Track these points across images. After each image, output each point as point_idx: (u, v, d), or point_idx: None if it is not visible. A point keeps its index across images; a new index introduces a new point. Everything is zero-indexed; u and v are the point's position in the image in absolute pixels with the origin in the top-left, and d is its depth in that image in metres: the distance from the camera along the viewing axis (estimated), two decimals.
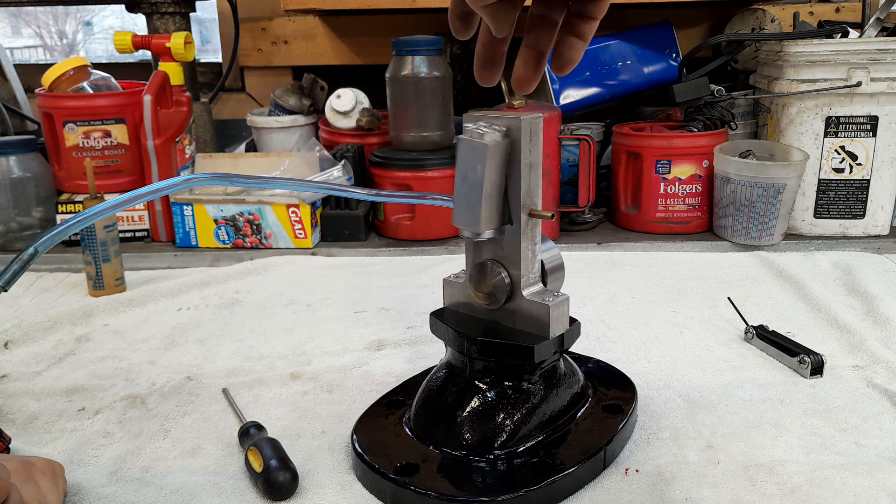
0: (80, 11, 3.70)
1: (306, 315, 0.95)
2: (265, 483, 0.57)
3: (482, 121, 0.57)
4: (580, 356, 0.76)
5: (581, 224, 1.26)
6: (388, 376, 0.77)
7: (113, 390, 0.76)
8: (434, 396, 0.64)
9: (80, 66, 1.25)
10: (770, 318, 0.88)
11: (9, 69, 1.61)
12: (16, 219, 1.18)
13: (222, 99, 1.77)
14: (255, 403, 0.73)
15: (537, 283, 0.62)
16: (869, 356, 0.79)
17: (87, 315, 0.94)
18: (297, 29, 1.66)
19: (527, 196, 0.59)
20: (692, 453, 0.63)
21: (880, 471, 0.59)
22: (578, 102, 1.37)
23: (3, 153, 1.16)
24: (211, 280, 1.06)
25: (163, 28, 1.44)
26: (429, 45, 1.17)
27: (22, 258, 0.45)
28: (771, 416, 0.68)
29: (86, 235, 0.98)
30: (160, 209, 1.21)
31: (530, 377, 0.61)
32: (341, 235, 1.21)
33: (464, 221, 0.58)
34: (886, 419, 0.67)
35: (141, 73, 1.33)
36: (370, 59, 1.64)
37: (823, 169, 1.16)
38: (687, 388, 0.74)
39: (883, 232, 1.18)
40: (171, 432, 0.68)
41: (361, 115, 1.31)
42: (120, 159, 1.23)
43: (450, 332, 0.63)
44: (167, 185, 0.51)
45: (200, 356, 0.84)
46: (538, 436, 0.61)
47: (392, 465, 0.58)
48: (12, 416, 0.71)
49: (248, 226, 1.16)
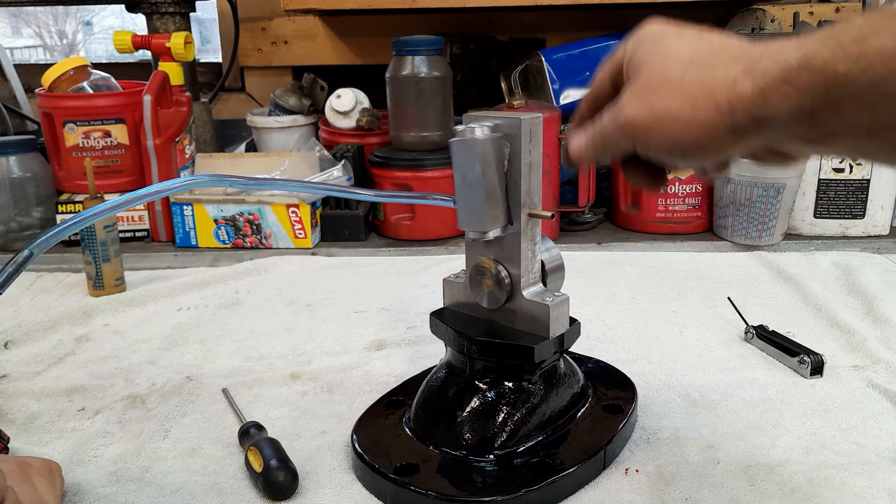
0: (80, 11, 3.70)
1: (306, 315, 0.95)
2: (265, 483, 0.57)
3: (479, 121, 0.57)
4: (580, 356, 0.76)
5: (581, 224, 1.26)
6: (388, 376, 0.77)
7: (113, 390, 0.76)
8: (434, 396, 0.64)
9: (80, 66, 1.25)
10: (770, 318, 0.88)
11: (9, 69, 1.61)
12: (16, 219, 1.18)
13: (222, 99, 1.77)
14: (255, 403, 0.73)
15: (537, 283, 0.62)
16: (869, 356, 0.79)
17: (87, 315, 0.94)
18: (297, 29, 1.66)
19: (527, 196, 0.59)
20: (692, 453, 0.63)
21: (880, 471, 0.59)
22: (578, 102, 1.37)
23: (3, 153, 1.16)
24: (211, 280, 1.06)
25: (163, 28, 1.44)
26: (429, 45, 1.17)
27: (16, 261, 0.45)
28: (771, 416, 0.68)
29: (86, 235, 0.98)
30: (160, 209, 1.21)
31: (530, 377, 0.61)
32: (341, 235, 1.21)
33: (469, 222, 0.58)
34: (886, 419, 0.67)
35: (141, 73, 1.33)
36: (370, 59, 1.64)
37: (823, 169, 1.16)
38: (687, 388, 0.74)
39: (883, 232, 1.18)
40: (171, 432, 0.68)
41: (361, 115, 1.31)
42: (120, 159, 1.23)
43: (450, 332, 0.63)
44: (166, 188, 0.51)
45: (200, 356, 0.84)
46: (538, 436, 0.61)
47: (392, 465, 0.58)
48: (12, 416, 0.71)
49: (248, 226, 1.16)
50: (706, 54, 0.40)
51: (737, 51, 0.39)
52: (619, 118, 0.43)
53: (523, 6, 1.31)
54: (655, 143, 0.42)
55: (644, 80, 0.42)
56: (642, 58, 0.43)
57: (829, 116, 0.35)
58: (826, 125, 0.35)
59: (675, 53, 0.41)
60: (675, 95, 0.40)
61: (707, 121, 0.39)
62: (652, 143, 0.42)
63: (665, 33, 0.43)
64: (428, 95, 1.18)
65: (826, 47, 0.34)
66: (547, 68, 1.35)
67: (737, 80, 0.38)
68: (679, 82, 0.40)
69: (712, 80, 0.39)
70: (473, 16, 1.57)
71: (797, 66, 0.35)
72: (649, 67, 0.42)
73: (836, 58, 0.33)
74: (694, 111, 0.39)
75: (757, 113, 0.37)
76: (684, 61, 0.40)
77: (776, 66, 0.36)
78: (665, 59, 0.42)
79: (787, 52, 0.36)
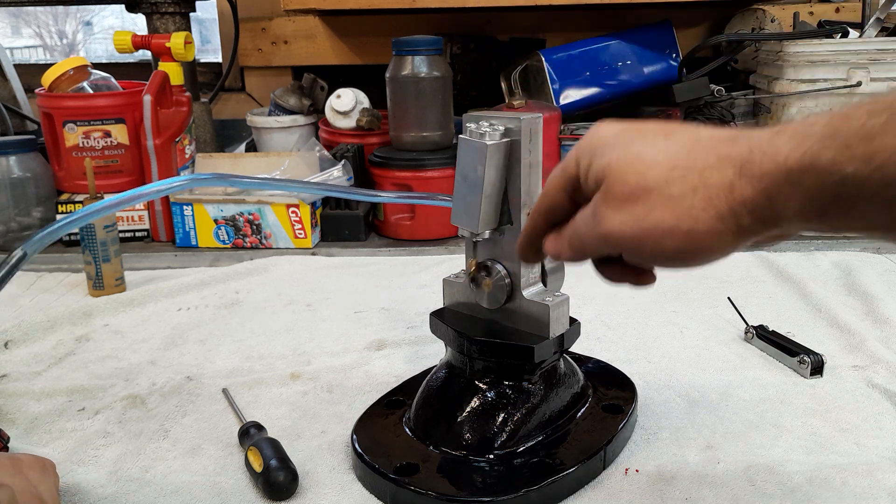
0: (80, 11, 3.70)
1: (306, 315, 0.95)
2: (265, 483, 0.57)
3: (483, 121, 0.57)
4: (580, 356, 0.76)
5: None
6: (388, 376, 0.77)
7: (113, 390, 0.76)
8: (434, 396, 0.64)
9: (80, 66, 1.25)
10: (770, 318, 0.88)
11: (9, 69, 1.61)
12: (16, 219, 1.18)
13: (222, 99, 1.77)
14: (255, 403, 0.73)
15: (537, 283, 0.62)
16: (869, 356, 0.78)
17: (87, 315, 0.94)
18: (297, 29, 1.66)
19: (527, 196, 0.59)
20: (692, 453, 0.63)
21: (880, 471, 0.59)
22: (578, 102, 1.37)
23: (3, 153, 1.16)
24: (211, 280, 1.06)
25: (163, 28, 1.44)
26: (429, 45, 1.17)
27: (10, 262, 0.45)
28: (771, 416, 0.68)
29: (86, 235, 0.98)
30: (160, 209, 1.21)
31: (530, 377, 0.61)
32: (341, 235, 1.21)
33: (462, 221, 0.59)
34: (886, 419, 0.67)
35: (141, 73, 1.33)
36: (370, 59, 1.64)
37: None
38: (687, 388, 0.74)
39: None
40: (171, 432, 0.68)
41: (361, 115, 1.31)
42: (120, 159, 1.23)
43: (450, 332, 0.63)
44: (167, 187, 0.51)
45: (200, 356, 0.84)
46: (538, 436, 0.61)
47: (392, 465, 0.58)
48: (12, 416, 0.71)
49: (248, 226, 1.16)
50: (685, 157, 0.38)
51: (720, 149, 0.37)
52: (599, 230, 0.41)
53: (523, 6, 1.32)
54: (648, 255, 0.40)
55: (619, 190, 0.39)
56: (609, 166, 0.40)
57: (840, 214, 0.33)
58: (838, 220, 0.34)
59: (648, 159, 0.39)
60: (663, 206, 0.38)
61: (710, 229, 0.37)
62: (644, 254, 0.40)
63: (624, 135, 0.41)
64: (428, 95, 1.18)
65: (829, 147, 0.32)
66: (547, 68, 1.36)
67: (734, 184, 0.36)
68: (665, 192, 0.38)
69: (705, 187, 0.37)
70: (473, 16, 1.57)
71: (799, 168, 0.33)
72: (621, 176, 0.39)
73: (842, 158, 0.32)
74: (693, 222, 0.37)
75: (763, 215, 0.36)
76: (664, 167, 0.38)
77: (774, 167, 0.34)
78: (639, 166, 0.39)
79: (781, 149, 0.34)
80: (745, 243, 0.38)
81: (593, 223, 0.41)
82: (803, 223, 0.35)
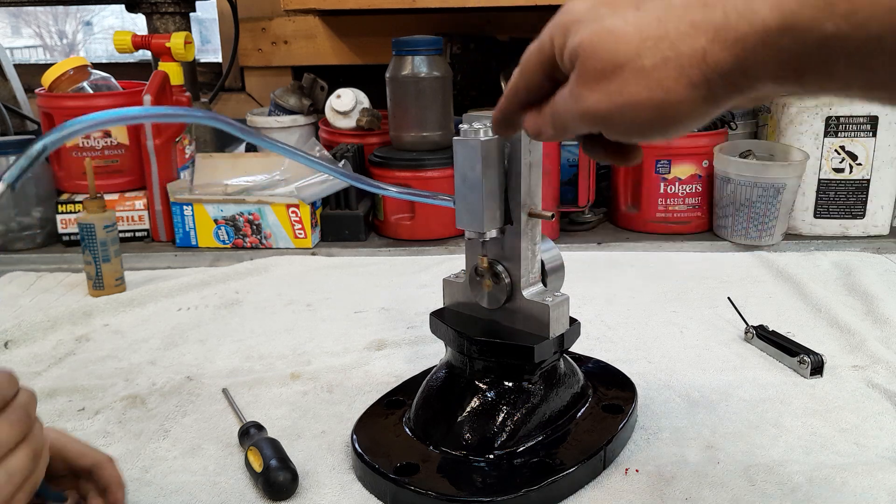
0: (80, 11, 3.70)
1: (306, 315, 0.95)
2: (265, 483, 0.57)
3: (476, 121, 0.57)
4: (580, 356, 0.76)
5: (581, 224, 1.26)
6: (388, 376, 0.77)
7: (113, 390, 0.76)
8: (434, 396, 0.64)
9: (80, 66, 1.25)
10: (770, 318, 0.88)
11: (9, 69, 1.61)
12: (16, 219, 1.18)
13: (222, 99, 1.77)
14: (255, 403, 0.73)
15: (537, 283, 0.62)
16: (869, 356, 0.79)
17: (87, 315, 0.94)
18: (297, 29, 1.66)
19: (527, 196, 0.59)
20: (692, 453, 0.63)
21: (880, 471, 0.59)
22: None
23: (3, 153, 1.16)
24: (211, 280, 1.06)
25: (163, 28, 1.44)
26: (429, 45, 1.17)
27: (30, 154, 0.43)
28: (771, 416, 0.68)
29: (86, 235, 0.98)
30: (160, 209, 1.21)
31: (530, 377, 0.61)
32: (341, 235, 1.21)
33: (467, 222, 0.58)
34: (886, 419, 0.67)
35: (141, 73, 1.33)
36: (370, 59, 1.64)
37: (823, 169, 1.16)
38: (687, 388, 0.74)
39: (883, 232, 1.18)
40: (171, 432, 0.68)
41: (361, 115, 1.31)
42: (120, 159, 1.23)
43: (450, 332, 0.63)
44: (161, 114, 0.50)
45: (200, 356, 0.84)
46: (538, 436, 0.61)
47: (392, 465, 0.58)
48: None
49: (248, 226, 1.16)
50: (657, 26, 0.36)
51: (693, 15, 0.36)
52: (577, 110, 0.40)
53: (523, 6, 1.31)
54: (624, 129, 0.39)
55: (592, 66, 0.39)
56: (582, 44, 0.39)
57: (818, 76, 0.33)
58: (815, 83, 0.33)
59: (619, 33, 0.38)
60: (636, 80, 0.37)
61: (682, 99, 0.36)
62: (620, 129, 0.39)
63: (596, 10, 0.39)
64: (428, 95, 1.18)
65: (808, 5, 0.31)
66: None
67: (706, 51, 0.35)
68: (637, 64, 0.37)
69: (676, 56, 0.36)
70: (473, 16, 1.57)
71: (777, 28, 0.32)
72: (594, 54, 0.38)
73: (822, 16, 0.31)
74: (665, 93, 0.36)
75: (736, 81, 0.35)
76: (635, 40, 0.37)
77: (750, 29, 0.33)
78: (610, 42, 0.38)
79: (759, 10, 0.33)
80: (720, 110, 0.37)
81: (572, 102, 0.41)
82: (779, 86, 0.34)
